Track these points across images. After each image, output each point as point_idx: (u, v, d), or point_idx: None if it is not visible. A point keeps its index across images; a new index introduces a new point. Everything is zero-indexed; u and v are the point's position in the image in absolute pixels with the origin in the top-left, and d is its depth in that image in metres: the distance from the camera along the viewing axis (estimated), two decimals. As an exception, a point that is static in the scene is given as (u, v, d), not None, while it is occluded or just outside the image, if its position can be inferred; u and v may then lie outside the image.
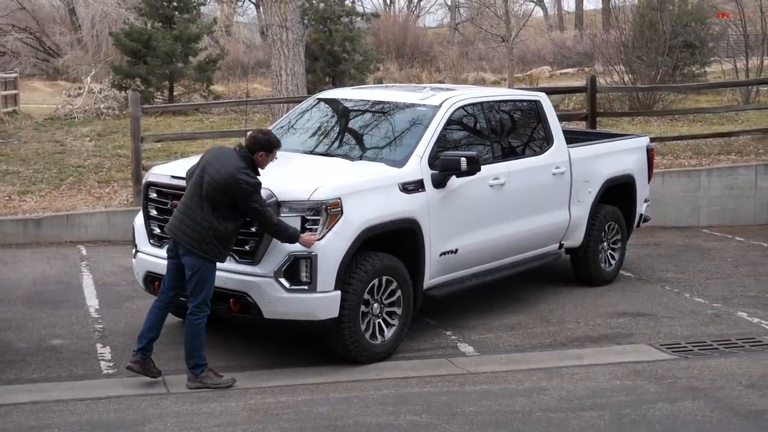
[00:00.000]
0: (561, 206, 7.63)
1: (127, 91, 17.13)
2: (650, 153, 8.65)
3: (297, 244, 5.57)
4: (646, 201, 8.68)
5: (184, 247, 5.44)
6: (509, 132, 7.45)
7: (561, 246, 7.77)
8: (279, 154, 6.16)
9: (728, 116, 15.71)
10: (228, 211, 5.42)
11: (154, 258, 6.14)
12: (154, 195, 6.22)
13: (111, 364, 5.97)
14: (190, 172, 5.66)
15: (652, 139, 9.29)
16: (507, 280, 7.42)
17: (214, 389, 5.51)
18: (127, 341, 6.32)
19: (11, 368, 5.85)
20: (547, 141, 7.59)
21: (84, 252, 9.13)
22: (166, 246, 5.75)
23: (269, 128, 6.76)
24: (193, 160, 5.96)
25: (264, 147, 5.57)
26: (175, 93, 19.98)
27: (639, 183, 8.44)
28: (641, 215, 8.62)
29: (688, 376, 5.88)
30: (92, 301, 7.44)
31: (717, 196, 11.20)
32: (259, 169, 5.57)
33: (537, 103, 7.69)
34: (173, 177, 6.09)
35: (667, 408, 5.32)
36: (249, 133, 5.68)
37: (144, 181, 6.51)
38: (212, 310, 5.59)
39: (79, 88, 20.93)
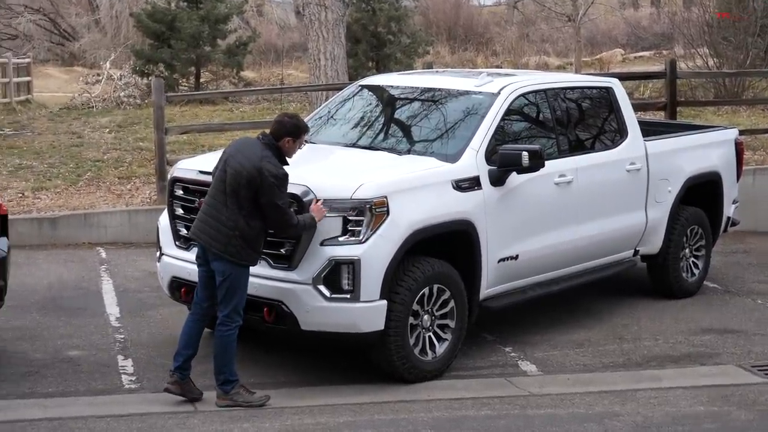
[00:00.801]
0: (636, 207, 7.55)
1: (150, 78, 17.46)
2: (739, 147, 8.56)
3: (337, 247, 5.59)
4: (734, 202, 8.58)
5: (211, 251, 5.49)
6: (577, 123, 7.41)
7: (636, 253, 7.70)
8: (318, 147, 6.21)
9: (830, 105, 15.39)
10: (254, 208, 5.42)
11: (181, 262, 6.23)
12: (180, 192, 6.31)
13: (133, 378, 6.08)
14: (216, 168, 5.72)
15: (741, 132, 9.19)
16: (574, 291, 7.38)
17: (245, 408, 5.56)
18: (151, 353, 6.43)
19: (26, 381, 5.99)
20: (621, 133, 7.53)
21: (103, 254, 9.30)
22: (194, 249, 5.83)
23: (306, 118, 6.80)
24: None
25: (290, 132, 5.56)
26: (202, 80, 20.27)
27: (726, 182, 8.34)
28: (729, 218, 8.51)
29: (784, 403, 5.79)
30: (112, 308, 7.58)
31: (817, 197, 10.96)
32: (288, 159, 5.56)
33: (608, 91, 7.63)
34: (201, 172, 6.16)
35: (760, 438, 5.25)
36: (274, 118, 5.71)
37: (169, 176, 6.62)
38: (244, 320, 5.65)
39: (98, 75, 21.34)
